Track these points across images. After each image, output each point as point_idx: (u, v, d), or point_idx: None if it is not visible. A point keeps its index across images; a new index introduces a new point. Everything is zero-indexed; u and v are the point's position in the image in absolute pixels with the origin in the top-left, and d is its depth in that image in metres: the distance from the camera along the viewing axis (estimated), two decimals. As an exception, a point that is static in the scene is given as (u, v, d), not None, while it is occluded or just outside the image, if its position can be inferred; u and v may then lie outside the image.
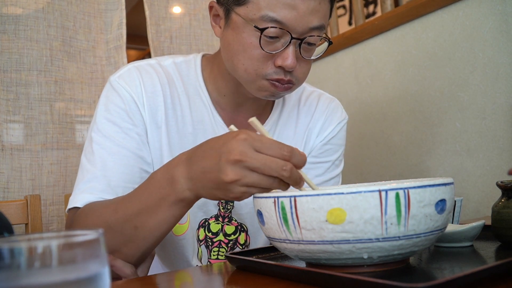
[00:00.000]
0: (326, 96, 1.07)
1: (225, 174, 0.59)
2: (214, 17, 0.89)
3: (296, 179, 0.60)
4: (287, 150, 0.59)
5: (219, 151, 0.61)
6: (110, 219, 0.73)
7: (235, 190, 0.60)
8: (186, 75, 0.95)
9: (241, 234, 0.97)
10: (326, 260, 0.55)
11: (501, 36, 1.22)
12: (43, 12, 1.41)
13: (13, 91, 1.36)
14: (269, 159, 0.58)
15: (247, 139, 0.59)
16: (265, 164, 0.58)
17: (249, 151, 0.59)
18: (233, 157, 0.59)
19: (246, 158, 0.58)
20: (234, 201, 0.95)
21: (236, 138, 0.60)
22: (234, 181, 0.59)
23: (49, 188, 1.38)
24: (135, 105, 0.87)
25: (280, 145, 0.60)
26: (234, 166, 0.59)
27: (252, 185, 0.60)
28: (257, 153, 0.59)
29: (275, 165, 0.58)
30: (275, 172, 0.58)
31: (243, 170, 0.59)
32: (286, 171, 0.58)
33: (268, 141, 0.60)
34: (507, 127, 1.21)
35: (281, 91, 0.85)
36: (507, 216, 0.66)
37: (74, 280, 0.32)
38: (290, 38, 0.79)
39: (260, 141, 0.59)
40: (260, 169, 0.58)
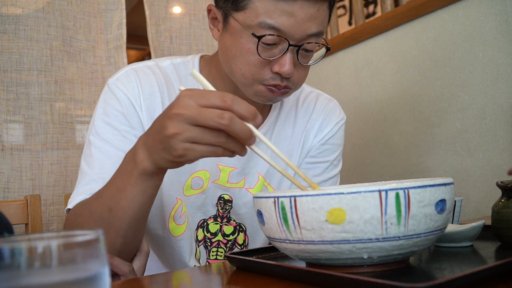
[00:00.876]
0: (324, 97, 1.07)
1: (165, 128, 0.59)
2: (212, 20, 0.89)
3: (241, 130, 0.57)
4: (227, 97, 0.57)
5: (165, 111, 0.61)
6: (92, 207, 0.74)
7: (176, 146, 0.58)
8: (184, 76, 0.95)
9: (240, 234, 0.97)
10: (326, 260, 0.55)
11: (501, 36, 1.22)
12: (43, 12, 1.41)
13: (13, 91, 1.36)
14: (207, 109, 0.57)
15: (187, 94, 0.58)
16: (202, 114, 0.56)
17: (188, 104, 0.57)
18: (172, 112, 0.58)
19: (183, 111, 0.57)
20: (233, 202, 0.95)
21: (179, 95, 0.59)
22: (174, 134, 0.58)
23: (49, 188, 1.38)
24: (132, 108, 0.87)
25: (220, 93, 0.58)
26: (173, 120, 0.58)
27: (195, 141, 0.58)
28: (196, 105, 0.57)
29: (212, 114, 0.56)
30: (212, 122, 0.56)
31: (182, 124, 0.58)
32: (223, 118, 0.56)
33: (208, 92, 0.58)
34: (507, 127, 1.21)
35: (278, 96, 0.85)
36: (507, 216, 0.66)
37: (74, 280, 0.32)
38: (288, 45, 0.79)
39: (200, 93, 0.58)
40: (197, 120, 0.57)
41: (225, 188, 0.95)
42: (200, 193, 0.93)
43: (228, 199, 0.95)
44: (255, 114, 0.59)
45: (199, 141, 0.58)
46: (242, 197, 0.96)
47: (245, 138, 0.59)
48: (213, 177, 0.93)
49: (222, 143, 0.59)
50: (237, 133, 0.58)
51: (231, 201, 0.95)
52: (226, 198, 0.95)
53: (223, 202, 0.95)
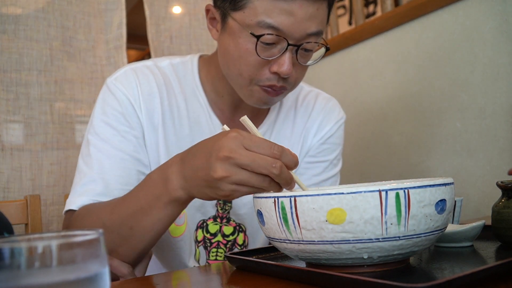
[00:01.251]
0: (323, 96, 1.06)
1: (214, 171, 0.59)
2: (210, 20, 0.88)
3: (286, 179, 0.60)
4: (277, 149, 0.59)
5: (210, 149, 0.61)
6: (107, 220, 0.73)
7: (224, 187, 0.60)
8: (183, 76, 0.94)
9: (240, 235, 0.97)
10: (326, 260, 0.55)
11: (501, 36, 1.22)
12: (43, 12, 1.41)
13: (13, 91, 1.36)
14: (259, 156, 0.58)
15: (237, 137, 0.59)
16: (254, 161, 0.58)
17: (239, 149, 0.58)
18: (222, 154, 0.59)
19: (235, 155, 0.58)
20: (232, 202, 0.95)
21: (227, 136, 0.60)
22: (223, 177, 0.59)
23: (49, 188, 1.38)
24: (131, 108, 0.87)
25: (270, 143, 0.59)
26: (223, 163, 0.59)
27: (242, 183, 0.59)
28: (247, 151, 0.59)
29: (264, 162, 0.58)
30: (264, 170, 0.58)
31: (232, 167, 0.59)
32: (275, 168, 0.58)
33: (259, 140, 0.60)
34: (507, 127, 1.21)
35: (273, 97, 0.85)
36: (507, 216, 0.66)
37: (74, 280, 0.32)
38: (287, 45, 0.78)
39: (251, 139, 0.59)
40: (249, 166, 0.58)
41: None
42: None
43: None
44: (297, 162, 0.61)
45: (246, 184, 0.60)
46: (241, 197, 0.95)
47: (287, 184, 0.61)
48: None
49: (266, 186, 0.60)
50: (281, 181, 0.60)
51: (231, 201, 0.95)
52: None
53: (223, 202, 0.95)
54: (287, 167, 0.60)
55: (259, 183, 0.59)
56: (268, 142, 0.60)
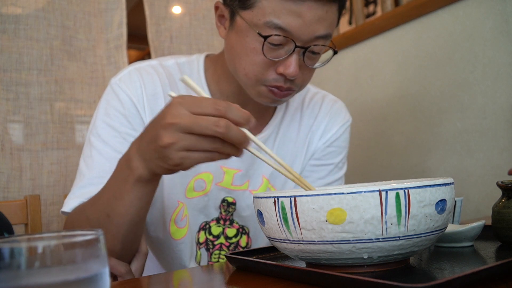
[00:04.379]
0: (330, 98, 1.05)
1: (160, 138, 0.58)
2: (219, 17, 0.87)
3: (237, 136, 0.57)
4: (221, 106, 0.57)
5: (157, 119, 0.61)
6: (89, 213, 0.73)
7: (172, 155, 0.58)
8: (189, 75, 0.93)
9: (243, 237, 0.96)
10: (326, 260, 0.55)
11: (501, 36, 1.22)
12: (43, 12, 1.41)
13: (13, 91, 1.36)
14: (201, 117, 0.57)
15: (179, 102, 0.58)
16: (197, 123, 0.56)
17: (181, 112, 0.57)
18: (165, 121, 0.58)
19: (177, 120, 0.57)
20: (236, 204, 0.95)
21: (170, 103, 0.59)
22: (169, 144, 0.58)
23: (49, 188, 1.38)
24: (135, 109, 0.86)
25: (214, 101, 0.58)
26: (167, 130, 0.58)
27: (190, 148, 0.58)
28: (190, 114, 0.57)
29: (207, 122, 0.56)
30: (209, 130, 0.56)
31: (177, 133, 0.57)
32: (219, 126, 0.56)
33: (201, 100, 0.58)
34: (507, 127, 1.21)
35: (280, 98, 0.84)
36: (507, 216, 0.66)
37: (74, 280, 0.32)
38: (294, 46, 0.77)
39: (193, 101, 0.58)
40: (193, 128, 0.57)
41: (228, 190, 0.93)
42: (203, 196, 0.92)
43: (231, 201, 0.94)
44: (248, 119, 0.59)
45: (194, 148, 0.58)
46: (245, 199, 0.95)
47: (240, 143, 0.59)
48: (216, 179, 0.92)
49: (218, 148, 0.59)
50: (232, 139, 0.58)
51: (235, 203, 0.94)
52: (229, 200, 0.94)
53: (226, 204, 0.94)
54: (236, 124, 0.58)
55: (209, 145, 0.58)
56: (211, 100, 0.58)
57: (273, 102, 0.86)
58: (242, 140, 0.58)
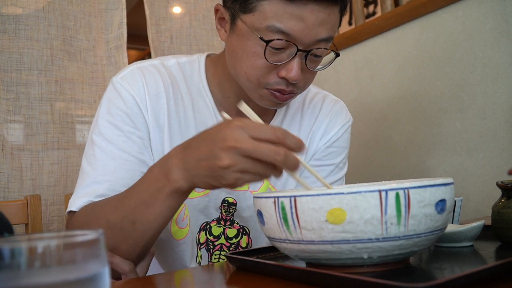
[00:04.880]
0: (331, 98, 1.05)
1: (220, 160, 0.59)
2: (219, 20, 0.87)
3: (291, 164, 0.59)
4: (280, 133, 0.59)
5: (214, 139, 0.61)
6: (110, 217, 0.73)
7: (228, 176, 0.60)
8: (190, 76, 0.93)
9: (243, 237, 0.96)
10: (326, 260, 0.55)
11: (501, 36, 1.22)
12: (43, 12, 1.41)
13: (14, 91, 1.36)
14: (263, 144, 0.58)
15: (241, 126, 0.59)
16: (258, 149, 0.58)
17: (243, 138, 0.59)
18: (227, 144, 0.59)
19: (240, 145, 0.58)
20: (237, 204, 0.95)
21: (231, 126, 0.60)
22: (229, 166, 0.59)
23: (49, 188, 1.38)
24: (137, 108, 0.86)
25: (273, 128, 0.59)
26: (229, 152, 0.59)
27: (247, 171, 0.60)
28: (251, 139, 0.59)
29: (268, 150, 0.58)
30: (268, 157, 0.58)
31: (238, 156, 0.59)
32: (279, 155, 0.58)
33: (261, 126, 0.59)
34: (507, 127, 1.21)
35: (282, 101, 0.84)
36: (507, 216, 0.66)
37: (74, 280, 0.32)
38: (296, 50, 0.77)
39: (253, 127, 0.59)
40: (253, 154, 0.58)
41: (229, 191, 0.93)
42: (203, 196, 0.92)
43: (232, 202, 0.94)
44: (302, 146, 0.60)
45: (250, 172, 0.60)
46: (246, 199, 0.94)
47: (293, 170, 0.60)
48: None
49: (270, 173, 0.60)
50: (287, 167, 0.60)
51: (235, 204, 0.94)
52: (230, 201, 0.94)
53: (227, 205, 0.94)
54: (291, 150, 0.59)
55: (263, 170, 0.60)
56: (270, 127, 0.59)
57: (275, 105, 0.86)
58: (296, 167, 0.60)
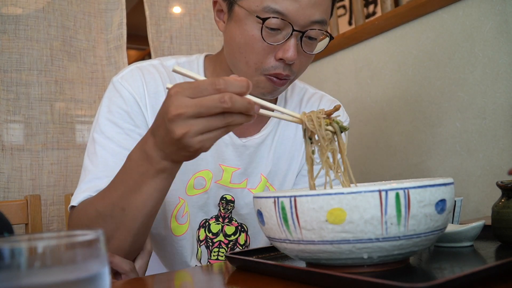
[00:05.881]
0: (327, 98, 1.07)
1: (173, 132, 0.59)
2: (217, 12, 0.90)
3: (243, 105, 0.58)
4: (220, 83, 0.58)
5: (162, 114, 0.61)
6: (99, 206, 0.74)
7: (191, 142, 0.59)
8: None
9: (241, 235, 0.97)
10: (326, 260, 0.55)
11: (501, 36, 1.22)
12: (43, 12, 1.41)
13: (14, 91, 1.36)
14: (205, 99, 0.57)
15: (178, 91, 0.59)
16: (202, 106, 0.57)
17: (183, 101, 0.58)
18: (171, 114, 0.58)
19: (182, 110, 0.58)
20: (235, 202, 0.95)
21: (169, 95, 0.60)
22: (183, 134, 0.58)
23: (49, 188, 1.38)
24: (137, 106, 0.87)
25: (211, 81, 0.58)
26: (176, 122, 0.58)
27: (205, 131, 0.59)
28: (192, 99, 0.58)
29: (211, 102, 0.57)
30: (215, 108, 0.57)
31: (186, 121, 0.58)
32: (225, 102, 0.57)
33: (199, 83, 0.59)
34: (507, 127, 1.21)
35: (278, 87, 0.85)
36: (507, 216, 0.66)
37: (74, 280, 0.32)
38: (292, 30, 0.80)
39: (191, 87, 0.59)
40: (200, 112, 0.57)
41: (227, 188, 0.95)
42: (203, 193, 0.93)
43: (230, 199, 0.95)
44: (247, 85, 0.59)
45: (208, 129, 0.59)
46: (244, 197, 0.96)
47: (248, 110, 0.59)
48: (215, 177, 0.93)
49: (230, 121, 0.59)
50: (240, 109, 0.58)
51: (233, 201, 0.95)
52: (228, 198, 0.95)
53: (225, 202, 0.95)
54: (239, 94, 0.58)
55: (221, 122, 0.59)
56: (208, 81, 0.58)
57: (271, 92, 0.87)
58: (249, 107, 0.59)
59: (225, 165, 0.94)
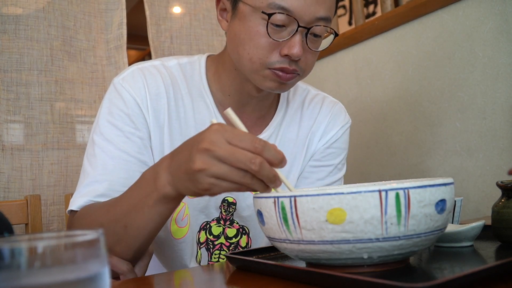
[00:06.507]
0: (330, 100, 1.06)
1: (193, 162, 0.58)
2: (221, 11, 0.89)
3: (268, 175, 0.58)
4: (259, 143, 0.57)
5: (193, 142, 0.61)
6: (103, 220, 0.73)
7: (203, 180, 0.59)
8: (190, 76, 0.94)
9: (243, 237, 0.97)
10: (326, 260, 0.55)
11: (501, 36, 1.22)
12: (43, 12, 1.41)
13: (14, 91, 1.36)
14: (238, 150, 0.57)
15: (219, 130, 0.58)
16: (233, 155, 0.57)
17: (219, 141, 0.58)
18: (202, 146, 0.58)
19: (214, 147, 0.57)
20: (236, 204, 0.95)
21: (209, 129, 0.59)
22: (201, 169, 0.58)
23: (49, 188, 1.38)
24: (138, 109, 0.87)
25: (253, 137, 0.58)
26: (202, 155, 0.58)
27: (221, 177, 0.58)
28: (227, 144, 0.57)
29: (243, 156, 0.57)
30: (243, 164, 0.57)
31: (211, 159, 0.58)
32: (255, 164, 0.56)
33: (241, 133, 0.58)
34: (507, 127, 1.21)
35: (285, 81, 0.85)
36: (507, 216, 0.66)
37: (74, 280, 0.32)
38: (297, 26, 0.80)
39: (232, 132, 0.58)
40: (228, 159, 0.57)
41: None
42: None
43: (232, 201, 0.95)
44: (282, 160, 0.59)
45: (225, 178, 0.58)
46: (245, 199, 0.95)
47: (270, 182, 0.59)
48: None
49: (247, 182, 0.59)
50: (263, 178, 0.59)
51: (235, 203, 0.95)
52: (230, 200, 0.94)
53: (226, 204, 0.94)
54: (270, 163, 0.58)
55: (239, 178, 0.58)
56: (250, 136, 0.58)
57: (279, 86, 0.86)
58: (273, 180, 0.59)
59: None
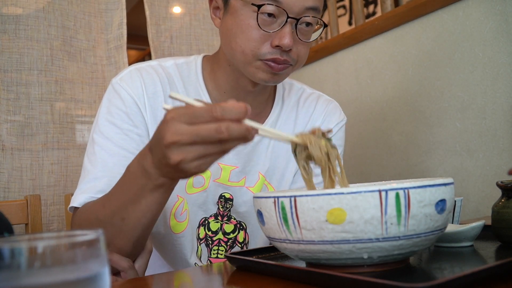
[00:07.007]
0: (325, 98, 1.08)
1: (169, 158, 0.58)
2: (214, 9, 0.92)
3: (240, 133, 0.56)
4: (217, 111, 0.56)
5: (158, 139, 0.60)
6: (100, 214, 0.74)
7: (187, 167, 0.58)
8: (187, 76, 0.96)
9: (240, 233, 0.98)
10: (326, 260, 0.55)
11: (501, 36, 1.22)
12: (43, 12, 1.41)
13: (14, 91, 1.36)
14: (201, 127, 0.56)
15: (174, 117, 0.57)
16: (198, 134, 0.56)
17: (180, 128, 0.56)
18: (167, 141, 0.57)
19: (178, 137, 0.56)
20: (233, 200, 0.97)
21: (165, 120, 0.58)
22: (179, 161, 0.58)
23: (49, 188, 1.38)
24: (136, 107, 0.89)
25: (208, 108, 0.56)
26: (171, 149, 0.57)
27: (200, 157, 0.58)
28: (188, 126, 0.56)
29: (208, 131, 0.55)
30: (212, 138, 0.56)
31: (182, 149, 0.57)
32: (222, 132, 0.55)
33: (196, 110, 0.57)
34: (507, 127, 1.21)
35: (278, 72, 0.86)
36: (507, 216, 0.66)
37: (74, 280, 0.32)
38: (287, 17, 0.82)
39: (188, 113, 0.57)
40: (196, 141, 0.56)
41: (226, 186, 0.96)
42: (202, 191, 0.94)
43: (228, 197, 0.96)
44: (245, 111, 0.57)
45: (204, 155, 0.58)
46: (242, 195, 0.97)
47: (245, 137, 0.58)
48: (214, 176, 0.94)
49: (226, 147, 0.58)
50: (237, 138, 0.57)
51: (232, 199, 0.96)
52: (227, 196, 0.96)
53: (223, 200, 0.96)
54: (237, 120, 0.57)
55: (217, 149, 0.57)
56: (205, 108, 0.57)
57: (272, 77, 0.87)
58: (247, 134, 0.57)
59: (223, 164, 0.95)
